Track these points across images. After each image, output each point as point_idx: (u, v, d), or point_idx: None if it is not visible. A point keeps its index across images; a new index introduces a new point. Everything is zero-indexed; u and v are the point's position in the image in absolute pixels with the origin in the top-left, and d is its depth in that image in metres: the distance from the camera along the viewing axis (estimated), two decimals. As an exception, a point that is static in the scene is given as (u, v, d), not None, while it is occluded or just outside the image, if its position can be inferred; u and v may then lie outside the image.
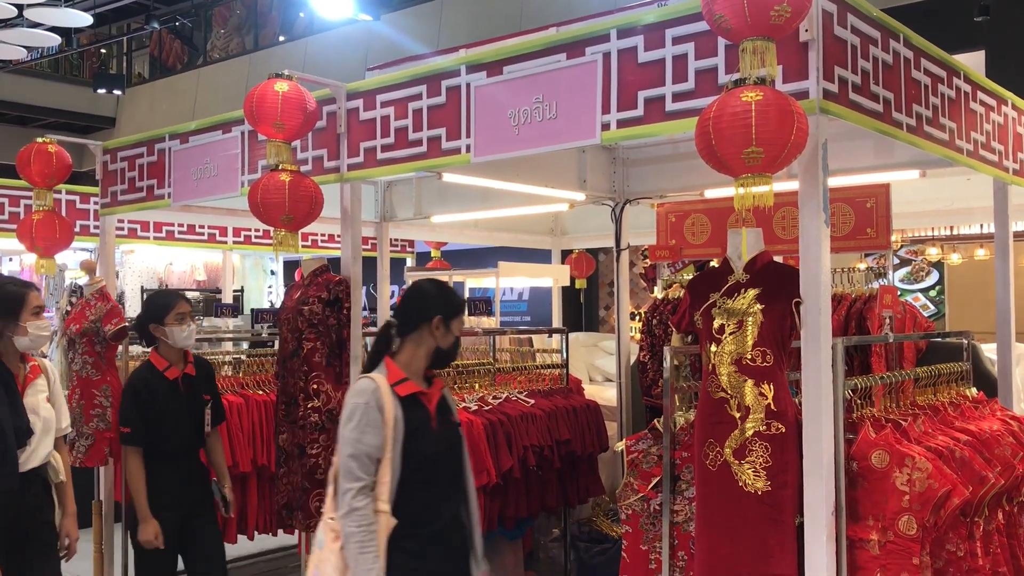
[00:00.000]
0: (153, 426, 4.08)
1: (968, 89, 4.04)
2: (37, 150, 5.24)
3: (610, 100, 3.39)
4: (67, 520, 3.66)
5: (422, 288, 3.24)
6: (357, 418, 2.93)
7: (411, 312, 3.16)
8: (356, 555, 2.84)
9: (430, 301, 3.17)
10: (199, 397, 4.24)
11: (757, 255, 3.51)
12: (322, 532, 2.98)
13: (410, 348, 3.14)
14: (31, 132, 6.01)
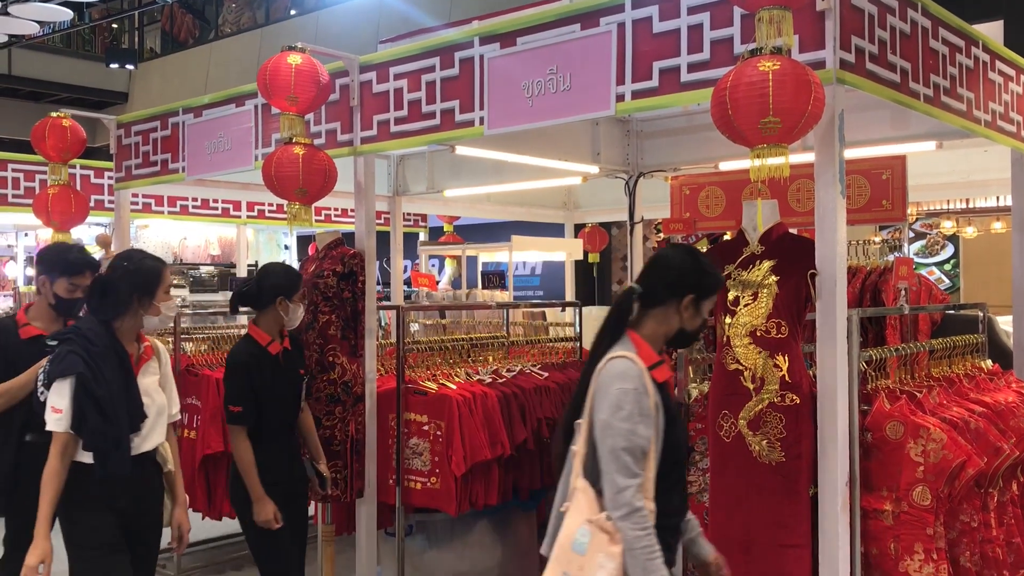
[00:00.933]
0: (260, 404, 3.83)
1: (986, 59, 4.00)
2: (52, 125, 5.26)
3: (624, 71, 3.37)
4: (179, 510, 3.43)
5: (676, 259, 2.76)
6: (629, 407, 2.49)
7: (659, 283, 2.70)
8: (645, 562, 2.43)
9: (685, 276, 2.70)
10: (297, 372, 4.03)
11: (772, 227, 3.50)
12: (586, 534, 2.50)
13: (652, 324, 2.69)
14: (44, 108, 6.02)
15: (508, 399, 4.74)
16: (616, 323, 2.67)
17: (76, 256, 3.91)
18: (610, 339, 2.65)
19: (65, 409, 3.09)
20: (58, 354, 3.15)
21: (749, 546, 3.43)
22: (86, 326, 3.23)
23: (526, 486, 4.91)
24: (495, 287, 7.31)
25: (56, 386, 3.12)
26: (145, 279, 3.30)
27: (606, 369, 2.56)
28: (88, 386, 3.11)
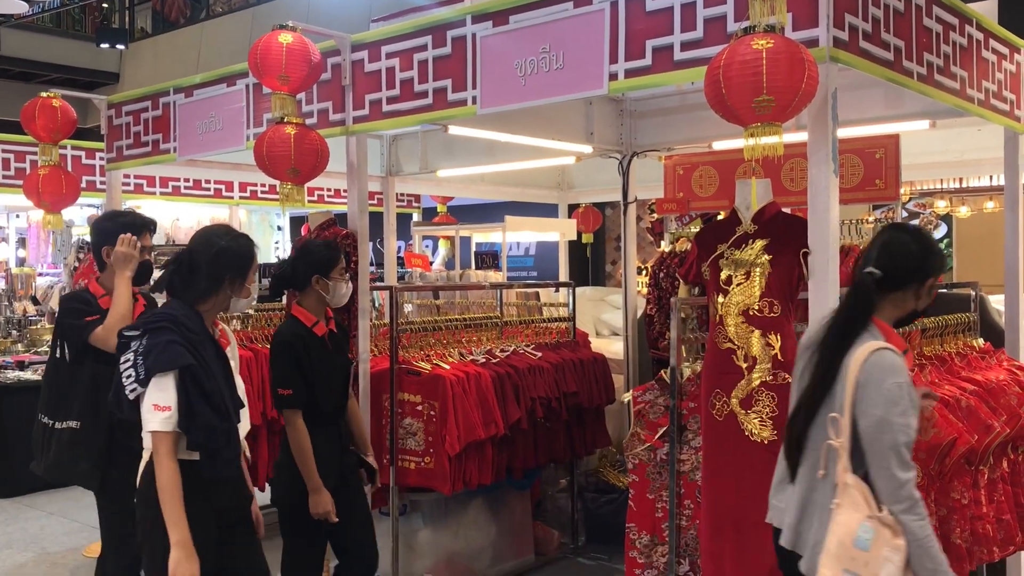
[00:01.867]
0: (308, 387, 3.62)
1: (980, 37, 3.99)
2: (41, 105, 5.22)
3: (618, 50, 3.35)
4: (253, 503, 3.23)
5: (914, 243, 2.68)
6: (904, 402, 2.45)
7: (901, 268, 2.63)
8: (934, 553, 2.43)
9: (927, 260, 2.66)
10: (345, 355, 3.86)
11: (765, 205, 3.51)
12: (868, 530, 2.42)
13: (889, 308, 2.65)
14: (35, 88, 5.97)
15: (502, 379, 4.76)
16: (863, 310, 2.59)
17: (132, 217, 3.84)
18: (860, 327, 2.56)
19: (173, 406, 2.77)
20: (153, 344, 2.79)
21: (741, 524, 3.45)
22: (179, 311, 2.91)
23: (520, 465, 4.93)
24: (489, 267, 7.30)
25: (157, 381, 2.77)
26: (240, 258, 3.02)
27: (873, 362, 2.48)
28: (197, 379, 2.82)
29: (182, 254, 3.01)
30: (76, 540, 5.91)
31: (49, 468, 3.76)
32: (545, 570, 5.25)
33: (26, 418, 7.00)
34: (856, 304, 2.59)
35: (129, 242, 3.67)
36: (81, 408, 3.65)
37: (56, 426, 3.69)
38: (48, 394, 3.76)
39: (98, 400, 3.56)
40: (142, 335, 2.83)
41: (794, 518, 2.58)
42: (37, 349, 8.27)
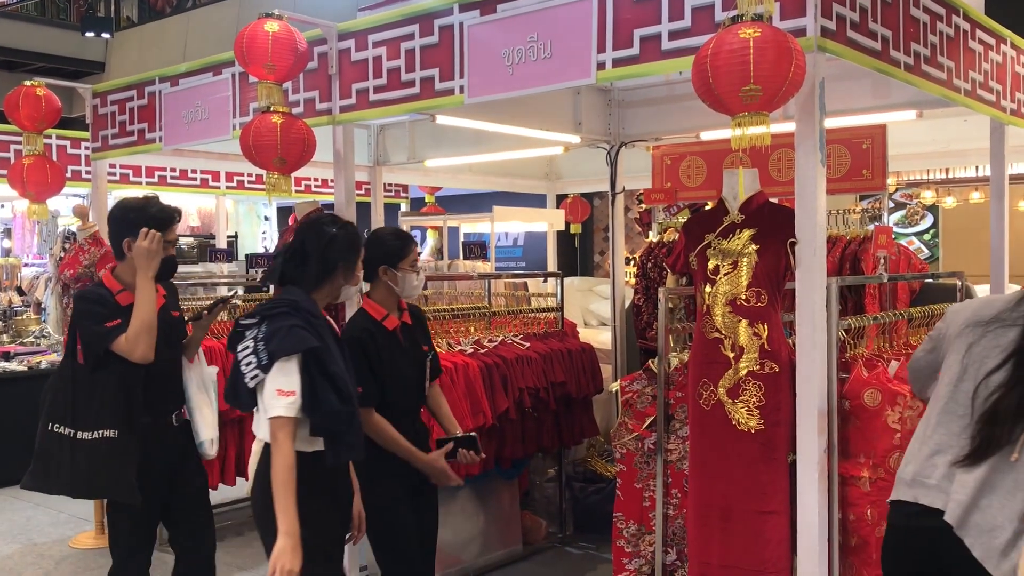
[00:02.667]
0: (378, 384, 3.41)
1: (967, 27, 4.00)
2: (25, 93, 5.18)
3: (605, 39, 3.35)
4: (356, 497, 3.12)
5: None
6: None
7: None
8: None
9: None
10: (419, 349, 3.61)
11: (753, 195, 3.51)
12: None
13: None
14: (19, 77, 5.90)
15: (490, 369, 4.75)
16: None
17: (158, 209, 3.48)
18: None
19: (297, 390, 2.71)
20: (276, 329, 2.73)
21: (728, 513, 3.46)
22: (298, 297, 2.85)
23: (508, 455, 4.94)
24: (477, 258, 7.29)
25: (281, 365, 2.71)
26: (351, 245, 2.99)
27: None
28: (321, 361, 2.77)
29: (293, 243, 2.97)
30: (63, 531, 5.90)
31: (76, 483, 3.38)
32: (533, 559, 5.26)
33: (11, 409, 7.00)
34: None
35: (152, 238, 3.37)
36: (113, 415, 3.33)
37: (82, 436, 3.34)
38: (64, 401, 3.41)
39: (131, 404, 3.35)
40: (259, 322, 2.78)
41: (967, 497, 2.30)
42: (23, 340, 8.22)
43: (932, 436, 2.42)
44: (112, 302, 3.36)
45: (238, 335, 2.82)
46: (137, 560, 3.51)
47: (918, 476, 2.41)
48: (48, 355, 7.60)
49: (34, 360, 7.42)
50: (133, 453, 3.33)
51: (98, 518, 5.62)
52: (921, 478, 2.39)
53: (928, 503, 2.35)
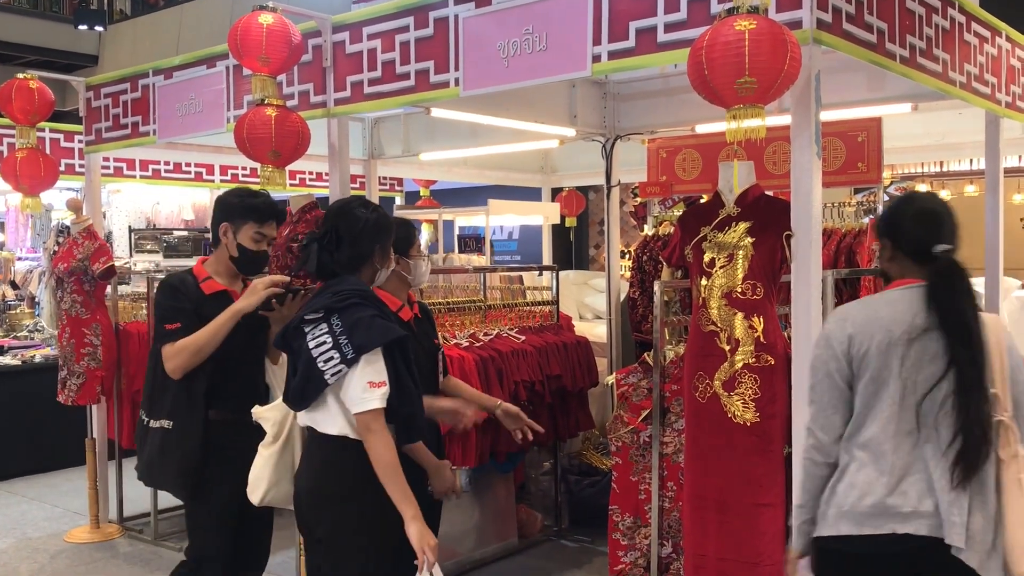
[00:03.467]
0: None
1: (962, 20, 4.00)
2: (18, 86, 5.16)
3: (601, 31, 3.34)
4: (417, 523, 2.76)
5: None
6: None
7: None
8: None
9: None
10: (431, 341, 3.55)
11: (749, 188, 3.51)
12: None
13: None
14: (12, 70, 5.88)
15: (485, 362, 4.75)
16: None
17: (264, 202, 3.42)
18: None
19: (386, 380, 2.66)
20: (356, 321, 2.65)
21: (724, 505, 3.47)
22: (359, 285, 2.78)
23: (503, 449, 4.93)
24: (472, 251, 7.29)
25: (369, 358, 2.64)
26: (387, 228, 2.92)
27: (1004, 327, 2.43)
28: (404, 349, 2.73)
29: (325, 231, 2.84)
30: (57, 525, 5.89)
31: (143, 470, 3.39)
32: (528, 553, 5.26)
33: (5, 404, 6.99)
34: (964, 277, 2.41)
35: (272, 283, 3.27)
36: (173, 405, 3.28)
37: (151, 424, 3.32)
38: (146, 386, 3.40)
39: (192, 394, 3.27)
40: (328, 315, 2.68)
41: (965, 517, 2.23)
42: (16, 334, 8.20)
43: (891, 461, 2.29)
44: (194, 289, 3.32)
45: (297, 331, 2.73)
46: (214, 562, 3.39)
47: (887, 507, 2.27)
48: (42, 349, 7.58)
49: (28, 354, 7.41)
50: (188, 447, 3.24)
51: (93, 512, 5.61)
52: (893, 508, 2.27)
53: (912, 531, 2.25)
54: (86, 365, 5.39)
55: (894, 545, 2.26)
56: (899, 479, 2.28)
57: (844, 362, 2.35)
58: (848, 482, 2.32)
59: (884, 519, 2.26)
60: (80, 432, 5.84)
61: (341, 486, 2.72)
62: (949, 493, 2.22)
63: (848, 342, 2.34)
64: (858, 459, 2.31)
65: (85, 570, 5.08)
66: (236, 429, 3.31)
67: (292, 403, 2.80)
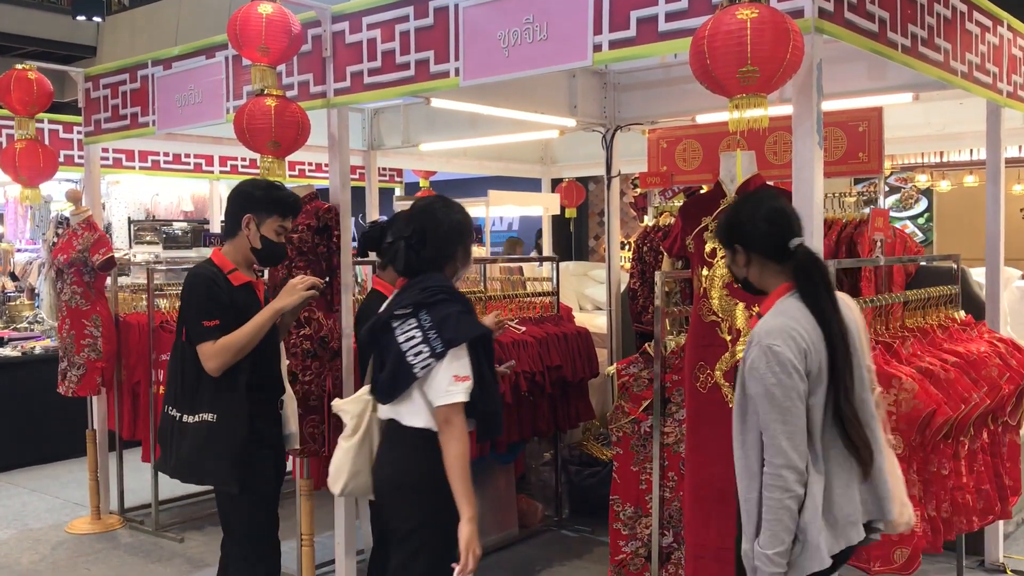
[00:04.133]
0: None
1: (964, 9, 3.98)
2: (17, 77, 5.14)
3: (602, 20, 3.33)
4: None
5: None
6: None
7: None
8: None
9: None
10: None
11: (750, 178, 3.50)
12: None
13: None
14: (10, 62, 5.84)
15: (485, 353, 4.74)
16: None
17: (291, 196, 3.46)
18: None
19: (470, 375, 2.72)
20: (445, 316, 2.72)
21: (724, 495, 3.46)
22: (446, 282, 2.86)
23: (504, 439, 4.94)
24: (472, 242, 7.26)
25: (455, 352, 2.70)
26: (470, 229, 3.00)
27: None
28: (488, 345, 2.81)
29: (411, 230, 2.89)
30: (58, 516, 5.89)
31: (180, 467, 3.31)
32: (529, 543, 5.27)
33: (6, 395, 6.99)
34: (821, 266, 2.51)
35: (306, 284, 3.34)
36: (214, 398, 3.25)
37: (187, 420, 3.26)
38: (175, 382, 3.33)
39: (235, 386, 3.25)
40: (416, 311, 2.75)
41: (888, 489, 2.47)
42: (16, 325, 8.20)
43: (837, 473, 2.38)
44: (225, 285, 3.29)
45: (386, 326, 2.79)
46: (270, 552, 3.42)
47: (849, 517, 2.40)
48: (42, 340, 7.58)
49: (28, 346, 7.41)
50: (235, 439, 3.23)
51: (93, 503, 5.62)
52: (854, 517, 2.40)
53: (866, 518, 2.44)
54: (86, 356, 5.38)
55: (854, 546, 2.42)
56: (847, 486, 2.39)
57: (805, 382, 2.35)
58: (835, 497, 2.37)
59: (856, 526, 2.40)
60: (80, 423, 5.84)
61: (423, 478, 2.77)
62: (860, 487, 2.39)
63: (805, 360, 2.35)
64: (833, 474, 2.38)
65: (86, 561, 5.09)
66: (270, 417, 3.40)
67: (380, 396, 2.85)
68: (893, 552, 3.26)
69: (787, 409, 2.31)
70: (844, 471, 2.38)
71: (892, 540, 3.25)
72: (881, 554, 3.27)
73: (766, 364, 2.33)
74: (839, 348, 2.36)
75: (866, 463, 2.38)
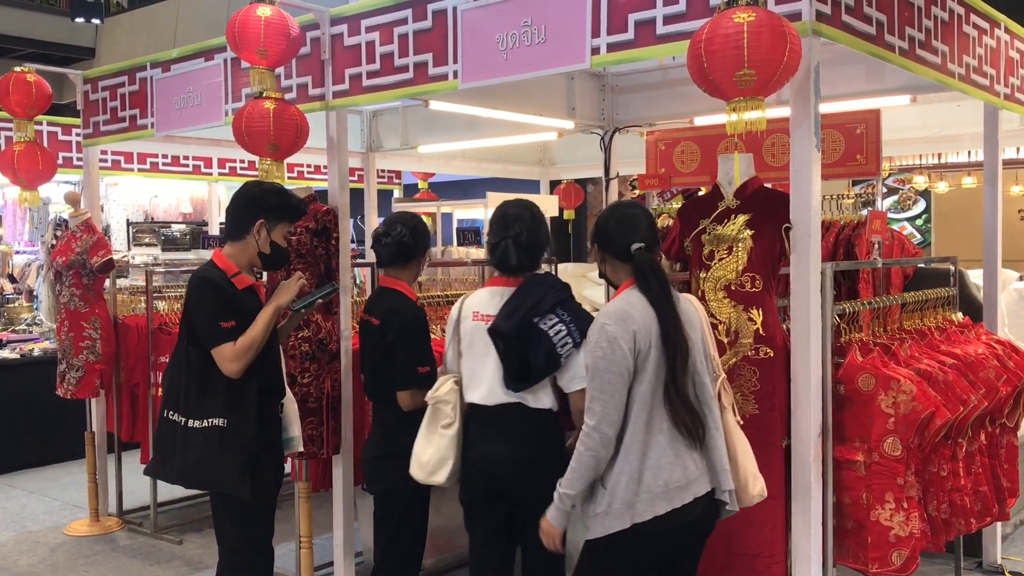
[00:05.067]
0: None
1: (961, 12, 3.99)
2: (16, 79, 5.14)
3: (600, 23, 3.34)
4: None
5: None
6: None
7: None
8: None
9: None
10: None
11: (748, 181, 3.50)
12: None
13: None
14: (8, 63, 5.86)
15: (484, 355, 4.74)
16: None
17: (301, 202, 3.47)
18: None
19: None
20: (576, 310, 3.04)
21: (723, 497, 3.47)
22: (558, 280, 3.19)
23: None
24: (470, 244, 7.27)
25: (584, 342, 2.91)
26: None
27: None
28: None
29: (520, 231, 3.15)
30: (57, 518, 5.89)
31: (187, 473, 3.25)
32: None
33: (4, 397, 6.99)
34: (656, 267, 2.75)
35: (301, 280, 3.44)
36: (225, 402, 3.20)
37: (193, 424, 3.20)
38: (177, 387, 3.27)
39: (246, 390, 3.22)
40: (555, 306, 3.02)
41: (725, 463, 2.73)
42: (15, 327, 8.20)
43: (665, 444, 2.63)
44: (229, 290, 3.25)
45: (530, 324, 3.00)
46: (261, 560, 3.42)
47: (687, 480, 2.63)
48: (40, 343, 7.58)
49: (26, 347, 7.40)
50: (244, 444, 3.19)
51: (92, 506, 5.62)
52: (687, 479, 2.63)
53: (701, 492, 2.66)
54: (85, 359, 5.38)
55: (690, 508, 2.63)
56: (676, 455, 2.63)
57: (631, 360, 2.61)
58: (655, 469, 2.60)
59: (687, 490, 2.62)
60: (79, 425, 5.84)
61: (556, 453, 3.03)
62: (703, 454, 2.67)
63: (633, 340, 2.62)
64: (647, 445, 2.62)
65: (85, 563, 5.08)
66: (273, 421, 3.41)
67: (519, 384, 3.06)
68: (891, 554, 3.27)
69: (608, 380, 2.61)
70: (674, 443, 2.63)
71: (890, 542, 3.26)
72: (879, 556, 3.28)
73: (596, 340, 2.64)
74: (670, 334, 2.63)
75: (693, 437, 2.64)
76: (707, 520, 2.73)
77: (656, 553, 2.68)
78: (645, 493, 2.59)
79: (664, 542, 2.67)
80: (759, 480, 2.83)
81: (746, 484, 2.79)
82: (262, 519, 3.38)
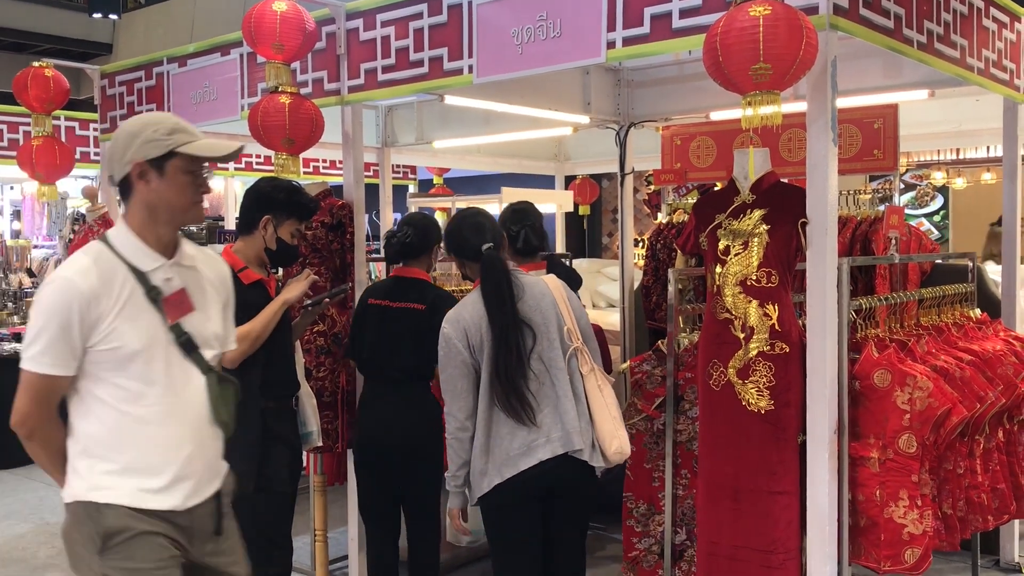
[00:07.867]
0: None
1: (980, 5, 3.96)
2: (34, 74, 5.18)
3: (615, 17, 3.33)
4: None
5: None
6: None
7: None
8: None
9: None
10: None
11: (764, 175, 3.49)
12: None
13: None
14: (26, 59, 5.90)
15: (498, 350, 4.75)
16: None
17: (310, 200, 3.55)
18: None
19: None
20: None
21: (738, 493, 3.46)
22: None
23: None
24: (485, 239, 7.26)
25: None
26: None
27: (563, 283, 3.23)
28: None
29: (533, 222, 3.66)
30: (74, 511, 5.93)
31: None
32: (542, 540, 5.27)
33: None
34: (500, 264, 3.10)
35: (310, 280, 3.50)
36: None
37: None
38: None
39: (247, 385, 3.17)
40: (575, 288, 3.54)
41: (577, 424, 3.04)
42: (33, 321, 8.23)
43: (504, 420, 3.00)
44: (237, 280, 3.17)
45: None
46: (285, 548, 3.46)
47: (531, 446, 2.99)
48: (58, 336, 7.61)
49: (45, 341, 7.43)
50: (250, 438, 3.20)
51: (109, 498, 5.65)
52: (534, 444, 2.99)
53: (549, 454, 2.99)
54: (102, 352, 5.41)
55: (537, 468, 2.97)
56: (512, 428, 2.98)
57: (467, 353, 3.01)
58: (497, 441, 2.99)
59: (530, 455, 2.97)
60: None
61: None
62: (555, 420, 3.01)
63: (465, 336, 3.01)
64: (490, 421, 3.00)
65: (102, 555, 5.12)
66: (283, 414, 3.44)
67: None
68: (904, 552, 3.25)
69: (449, 374, 3.04)
70: (509, 419, 3.00)
71: (903, 540, 3.24)
72: (891, 554, 3.26)
73: (439, 340, 3.05)
74: (497, 332, 2.98)
75: (518, 418, 2.98)
76: (567, 475, 3.05)
77: (520, 504, 3.04)
78: (492, 462, 2.99)
79: (523, 496, 3.02)
80: (615, 439, 3.10)
81: (602, 442, 3.09)
82: (277, 512, 3.39)
